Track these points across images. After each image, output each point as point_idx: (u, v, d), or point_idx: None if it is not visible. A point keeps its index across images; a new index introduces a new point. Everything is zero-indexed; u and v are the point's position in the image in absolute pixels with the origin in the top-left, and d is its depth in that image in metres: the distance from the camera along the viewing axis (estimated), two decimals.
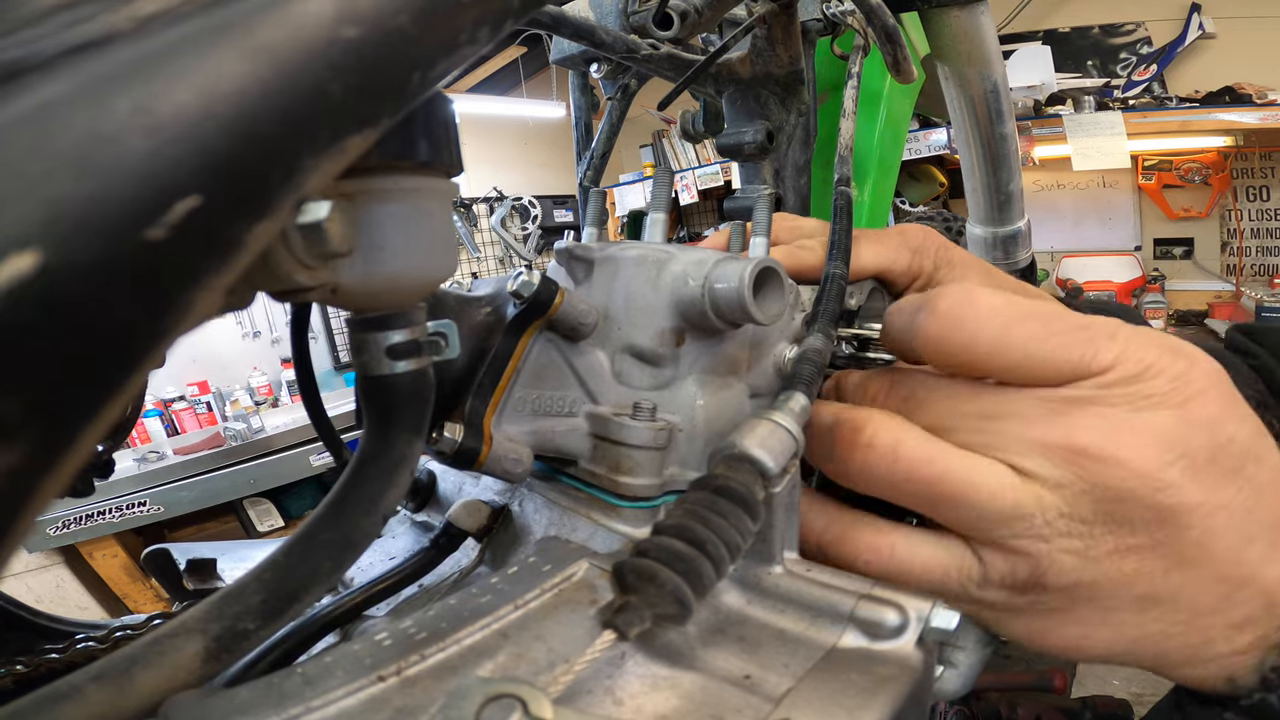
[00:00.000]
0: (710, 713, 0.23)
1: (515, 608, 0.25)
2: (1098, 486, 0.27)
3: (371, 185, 0.23)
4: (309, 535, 0.25)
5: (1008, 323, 0.28)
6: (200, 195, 0.13)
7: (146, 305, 0.13)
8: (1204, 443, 0.27)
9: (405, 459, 0.27)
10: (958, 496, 0.28)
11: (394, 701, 0.21)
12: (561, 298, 0.34)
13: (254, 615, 0.23)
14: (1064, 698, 1.46)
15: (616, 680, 0.24)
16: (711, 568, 0.24)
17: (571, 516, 0.37)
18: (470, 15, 0.18)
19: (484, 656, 0.23)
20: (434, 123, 0.25)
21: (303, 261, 0.21)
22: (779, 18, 0.63)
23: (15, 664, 0.37)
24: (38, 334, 0.12)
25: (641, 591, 0.24)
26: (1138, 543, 0.27)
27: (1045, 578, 0.28)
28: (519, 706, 0.19)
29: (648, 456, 0.35)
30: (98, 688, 0.20)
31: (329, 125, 0.16)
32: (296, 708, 0.20)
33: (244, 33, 0.15)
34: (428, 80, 0.18)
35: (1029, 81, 3.57)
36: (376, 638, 0.23)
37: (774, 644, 0.27)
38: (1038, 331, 0.28)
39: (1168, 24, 3.49)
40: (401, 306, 0.26)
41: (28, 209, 0.12)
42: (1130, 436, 0.26)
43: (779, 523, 0.30)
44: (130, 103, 0.13)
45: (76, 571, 2.44)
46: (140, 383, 0.16)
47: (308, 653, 0.32)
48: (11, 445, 0.12)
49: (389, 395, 0.26)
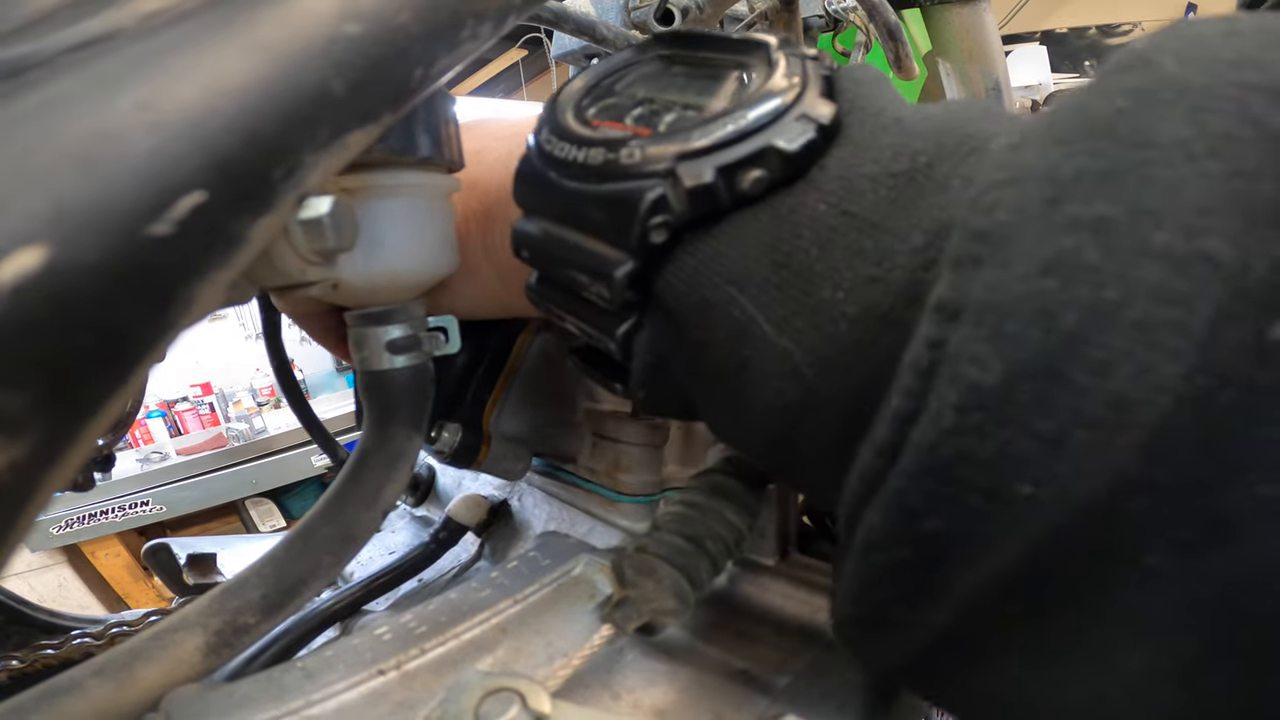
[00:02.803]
0: (708, 707, 0.23)
1: (514, 602, 0.25)
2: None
3: (373, 181, 0.24)
4: (309, 530, 0.25)
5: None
6: (203, 191, 0.14)
7: (150, 301, 0.13)
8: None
9: (405, 454, 0.27)
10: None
11: (394, 695, 0.21)
12: None
13: (254, 610, 0.23)
14: None
15: (615, 674, 0.24)
16: (709, 563, 0.24)
17: (571, 511, 0.37)
18: (472, 11, 0.18)
19: (483, 651, 0.23)
20: (435, 119, 0.25)
21: (304, 257, 0.21)
22: (780, 14, 0.63)
23: (11, 659, 0.37)
24: (43, 329, 0.12)
25: (640, 586, 0.24)
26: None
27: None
28: (518, 700, 0.19)
29: (646, 454, 0.35)
30: (99, 682, 0.20)
31: (331, 122, 0.16)
32: (297, 701, 0.20)
33: (246, 30, 0.15)
34: (429, 77, 0.18)
35: (1026, 82, 3.57)
36: (376, 632, 0.23)
37: (771, 638, 0.27)
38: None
39: (1164, 24, 3.48)
40: (402, 301, 0.26)
41: (33, 205, 0.12)
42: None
43: (777, 518, 0.30)
44: (134, 99, 0.13)
45: (79, 571, 2.44)
46: (143, 377, 0.17)
47: (308, 647, 0.32)
48: (16, 439, 0.12)
49: (389, 390, 0.26)
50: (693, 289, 0.20)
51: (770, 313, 0.18)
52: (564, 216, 0.22)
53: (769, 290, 0.18)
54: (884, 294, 0.17)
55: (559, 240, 0.22)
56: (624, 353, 0.22)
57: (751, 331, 0.18)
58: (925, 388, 0.14)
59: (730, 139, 0.19)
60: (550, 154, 0.22)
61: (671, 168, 0.19)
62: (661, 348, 0.22)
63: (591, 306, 0.22)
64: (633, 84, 0.24)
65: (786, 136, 0.19)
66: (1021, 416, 0.13)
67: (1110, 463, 0.13)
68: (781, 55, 0.20)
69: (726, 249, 0.19)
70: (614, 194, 0.20)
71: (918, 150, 0.18)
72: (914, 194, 0.17)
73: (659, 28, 0.61)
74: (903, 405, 0.15)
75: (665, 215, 0.19)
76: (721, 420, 0.22)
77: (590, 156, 0.21)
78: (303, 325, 0.33)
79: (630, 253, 0.20)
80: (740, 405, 0.20)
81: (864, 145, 0.18)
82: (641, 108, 0.22)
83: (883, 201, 0.17)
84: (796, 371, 0.18)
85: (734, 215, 0.19)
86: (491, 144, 0.30)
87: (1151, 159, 0.13)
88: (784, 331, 0.18)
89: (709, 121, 0.19)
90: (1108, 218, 0.13)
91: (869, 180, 0.18)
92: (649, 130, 0.21)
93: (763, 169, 0.19)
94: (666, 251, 0.20)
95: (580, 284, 0.22)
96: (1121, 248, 0.13)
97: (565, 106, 0.23)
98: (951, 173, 0.17)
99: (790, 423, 0.19)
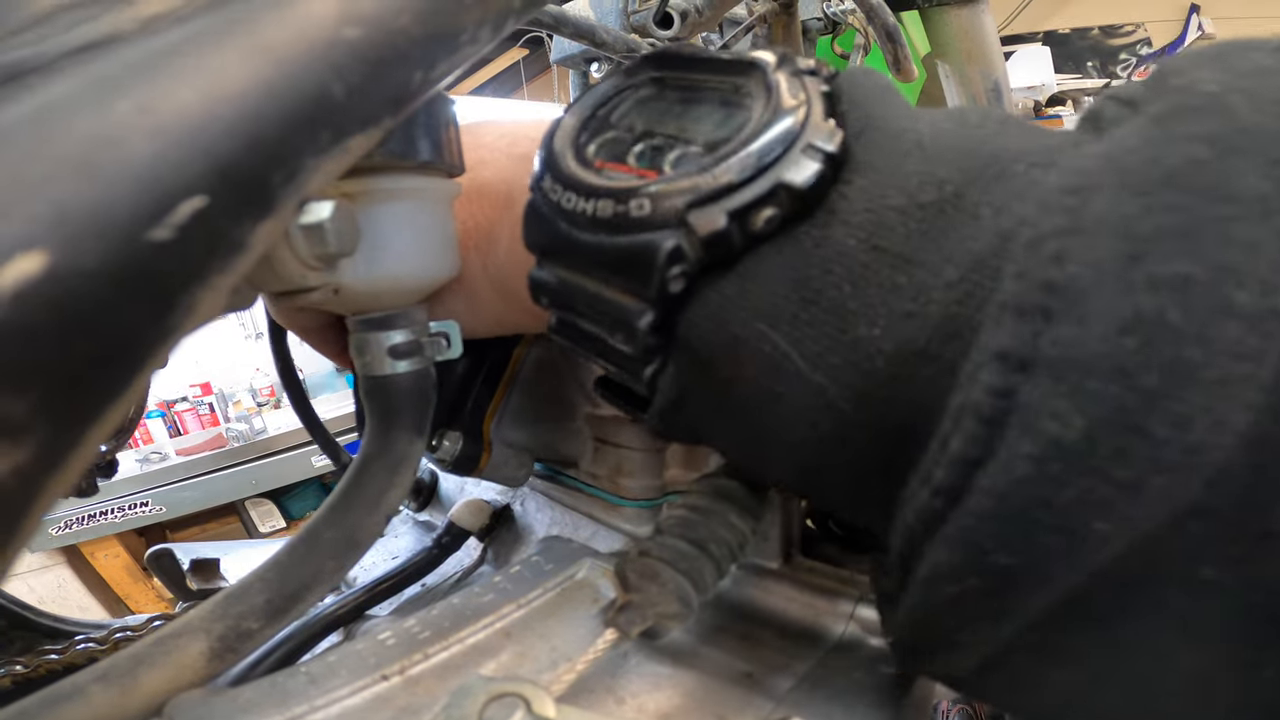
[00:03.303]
0: (712, 711, 0.23)
1: (518, 606, 0.25)
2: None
3: (374, 185, 0.23)
4: (312, 535, 0.25)
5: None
6: (204, 196, 0.14)
7: (151, 306, 0.13)
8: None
9: (407, 458, 0.27)
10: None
11: (397, 700, 0.21)
12: None
13: (258, 615, 0.23)
14: None
15: (619, 679, 0.24)
16: (713, 567, 0.24)
17: (573, 515, 0.37)
18: (472, 15, 0.18)
19: (487, 655, 0.23)
20: (436, 123, 0.25)
21: (305, 262, 0.21)
22: (779, 17, 0.63)
23: (14, 664, 0.37)
24: (44, 335, 0.12)
25: (644, 590, 0.24)
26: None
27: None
28: (522, 705, 0.19)
29: (648, 458, 0.35)
30: (102, 687, 0.20)
31: (331, 126, 0.16)
32: (300, 707, 0.20)
33: (247, 34, 0.15)
34: (429, 80, 0.18)
35: (1029, 82, 3.57)
36: (380, 637, 0.23)
37: (775, 642, 0.27)
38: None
39: (1167, 25, 3.48)
40: (403, 306, 0.26)
41: (33, 210, 0.12)
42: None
43: (780, 521, 0.30)
44: (134, 104, 0.13)
45: (78, 572, 2.44)
46: (144, 383, 0.16)
47: (311, 652, 0.32)
48: (18, 445, 0.12)
49: (391, 395, 0.26)
50: (720, 327, 0.20)
51: (804, 349, 0.18)
52: (580, 266, 0.22)
53: (800, 327, 0.18)
54: (920, 329, 0.17)
55: (577, 289, 0.22)
56: (650, 390, 0.22)
57: (784, 367, 0.19)
58: (991, 435, 0.15)
59: (739, 181, 0.19)
60: (558, 205, 0.22)
61: (683, 216, 0.19)
62: (684, 385, 0.22)
63: (615, 351, 0.22)
64: (628, 113, 0.24)
65: (795, 171, 0.18)
66: (1102, 468, 0.14)
67: (1181, 497, 0.14)
68: (781, 76, 0.20)
69: (752, 287, 0.19)
70: (629, 247, 0.20)
71: (944, 179, 0.18)
72: (944, 226, 0.17)
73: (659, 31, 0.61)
74: (965, 450, 0.15)
75: (683, 265, 0.19)
76: (746, 451, 0.23)
77: (600, 209, 0.21)
78: (302, 335, 0.32)
79: (650, 303, 0.20)
80: (770, 438, 0.20)
81: (888, 174, 0.18)
82: (642, 143, 0.22)
83: (913, 235, 0.17)
84: (832, 406, 0.18)
85: (756, 252, 0.19)
86: (490, 156, 0.30)
87: (1232, 215, 0.13)
88: (818, 368, 0.18)
89: (717, 162, 0.19)
90: (1189, 277, 0.13)
91: (897, 213, 0.18)
92: (655, 172, 0.21)
93: (774, 207, 0.19)
94: (686, 296, 0.20)
95: (603, 331, 0.22)
96: (1202, 307, 0.13)
97: (563, 148, 0.23)
98: (980, 200, 0.17)
99: (824, 453, 0.19)
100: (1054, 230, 0.15)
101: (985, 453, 0.15)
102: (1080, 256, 0.14)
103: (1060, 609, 0.16)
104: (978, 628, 0.17)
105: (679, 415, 0.23)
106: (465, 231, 0.29)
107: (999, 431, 0.14)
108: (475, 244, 0.29)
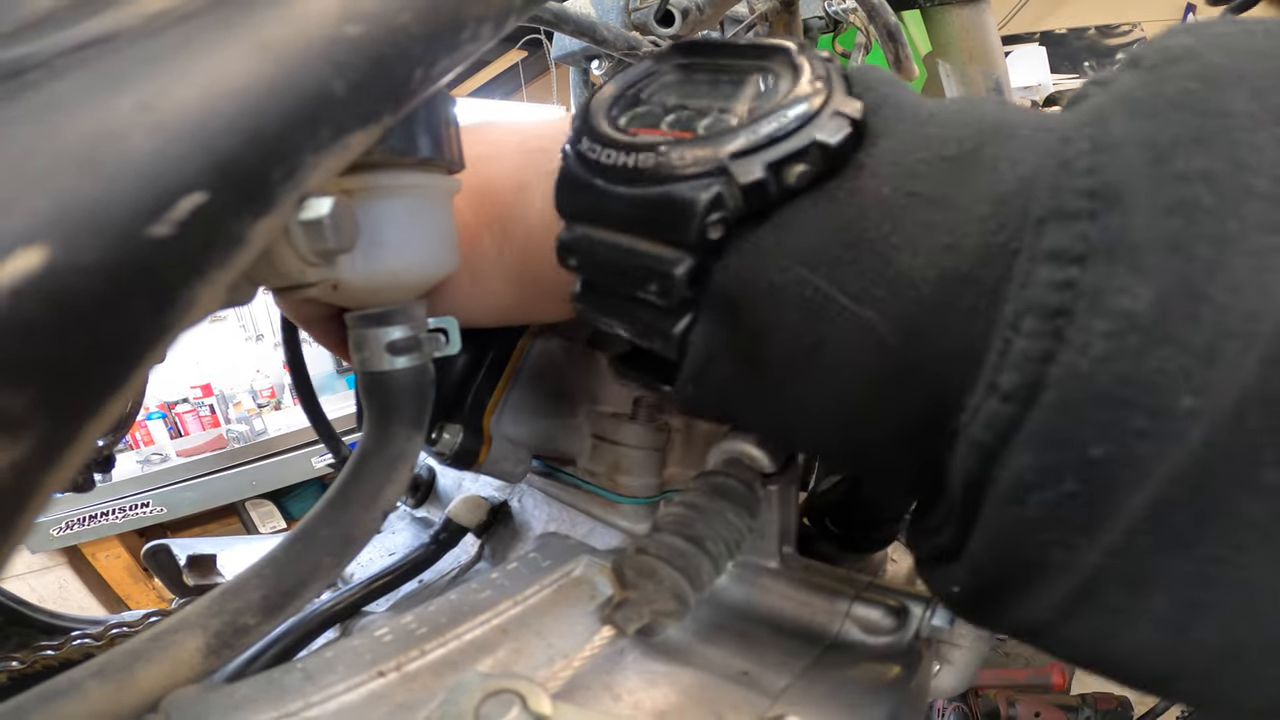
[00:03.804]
0: (709, 709, 0.23)
1: (515, 603, 0.25)
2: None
3: (373, 182, 0.23)
4: (309, 531, 0.25)
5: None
6: (204, 192, 0.14)
7: (150, 302, 0.13)
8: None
9: (405, 455, 0.27)
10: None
11: (394, 697, 0.21)
12: None
13: (254, 611, 0.23)
14: (1063, 694, 1.46)
15: (615, 676, 0.24)
16: (710, 564, 0.24)
17: (571, 512, 0.37)
18: (473, 12, 0.18)
19: (484, 652, 0.23)
20: (436, 120, 0.25)
21: (305, 258, 0.21)
22: (780, 15, 0.63)
23: (11, 660, 0.37)
24: (44, 329, 0.12)
25: (640, 588, 0.24)
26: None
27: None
28: (518, 701, 0.19)
29: (647, 457, 0.35)
30: (99, 683, 0.20)
31: (331, 122, 0.16)
32: (296, 703, 0.20)
33: (247, 30, 0.15)
34: (430, 77, 0.18)
35: (1026, 83, 3.57)
36: (376, 633, 0.23)
37: (772, 640, 0.27)
38: None
39: (1164, 24, 3.48)
40: (402, 302, 0.26)
41: (34, 206, 0.12)
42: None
43: (777, 519, 0.30)
44: (134, 100, 0.13)
45: (79, 572, 2.44)
46: (143, 378, 0.17)
47: (308, 648, 0.32)
48: (16, 440, 0.12)
49: (389, 391, 0.26)
50: (759, 275, 0.21)
51: (847, 286, 0.19)
52: (615, 221, 0.23)
53: (843, 266, 0.20)
54: (961, 258, 0.18)
55: (610, 245, 0.23)
56: (680, 351, 0.23)
57: (827, 308, 0.20)
58: (1058, 326, 0.16)
59: (775, 137, 0.20)
60: (595, 161, 0.23)
61: (724, 166, 0.20)
62: (717, 342, 0.23)
63: (645, 308, 0.23)
64: (659, 92, 0.25)
65: (827, 132, 0.20)
66: (1176, 334, 0.15)
67: (1243, 374, 0.15)
68: (805, 59, 0.22)
69: (788, 235, 0.20)
70: (669, 195, 0.21)
71: (962, 138, 0.19)
72: (968, 174, 0.19)
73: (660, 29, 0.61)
74: (1032, 346, 0.16)
75: (722, 212, 0.21)
76: (778, 418, 0.24)
77: (640, 160, 0.22)
78: (304, 326, 0.33)
79: (688, 250, 0.21)
80: (808, 396, 0.21)
81: (908, 136, 0.20)
82: (674, 114, 0.23)
83: (941, 181, 0.19)
84: (881, 343, 0.19)
85: (791, 204, 0.21)
86: (502, 151, 0.30)
87: (1232, 126, 0.16)
88: (864, 302, 0.19)
89: (752, 122, 0.21)
90: (1211, 170, 0.15)
91: (924, 164, 0.19)
92: (690, 134, 0.22)
93: (807, 163, 0.20)
94: (723, 245, 0.21)
95: (635, 286, 0.23)
96: (1230, 191, 0.15)
97: (598, 115, 0.24)
98: (997, 155, 0.19)
99: (871, 397, 0.20)
100: (1079, 152, 0.17)
101: (1054, 345, 0.16)
102: (1111, 165, 0.16)
103: (1145, 529, 0.16)
104: (1071, 542, 0.17)
105: (709, 380, 0.23)
106: (477, 223, 0.29)
107: (1067, 319, 0.16)
108: (488, 236, 0.30)
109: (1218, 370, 0.15)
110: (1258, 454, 0.15)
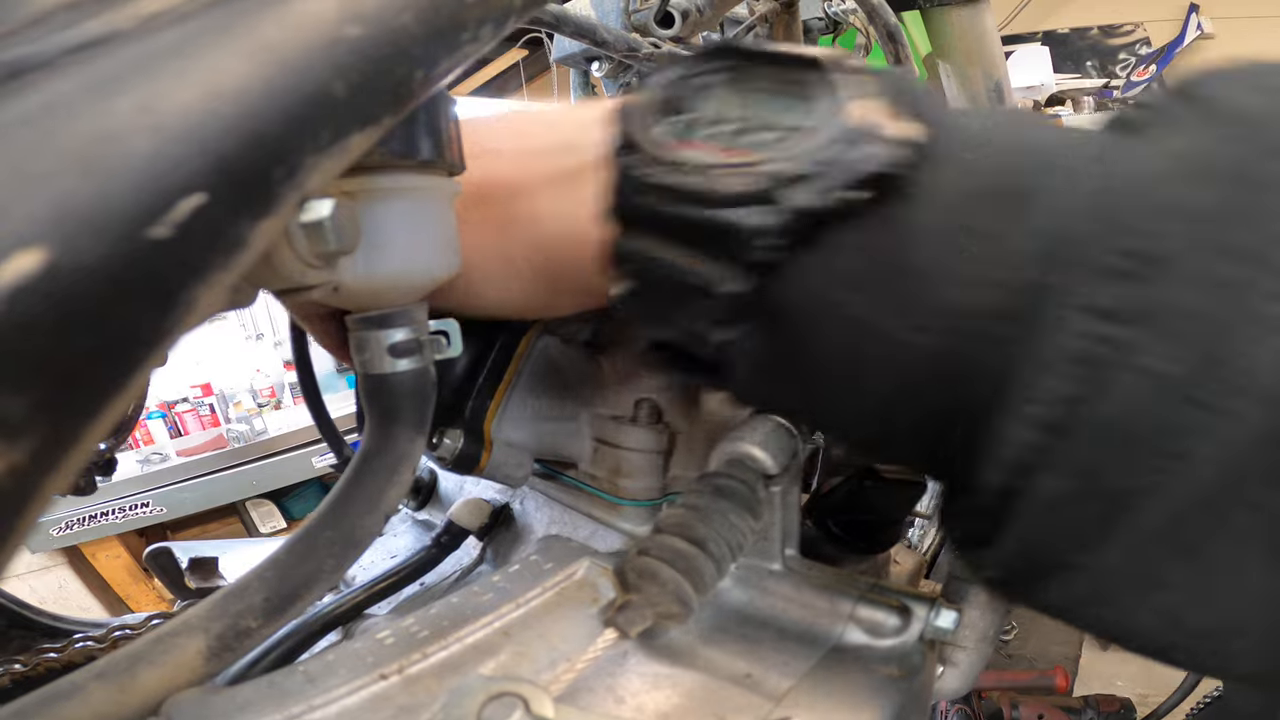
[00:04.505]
0: (712, 711, 0.23)
1: (517, 606, 0.25)
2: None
3: (374, 183, 0.23)
4: (311, 534, 0.25)
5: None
6: (204, 194, 0.14)
7: (151, 303, 0.13)
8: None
9: (407, 457, 0.27)
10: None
11: (396, 699, 0.21)
12: None
13: (256, 613, 0.23)
14: (1066, 696, 1.46)
15: (618, 678, 0.24)
16: (713, 566, 0.24)
17: (573, 515, 0.37)
18: (473, 14, 0.18)
19: (486, 655, 0.23)
20: (437, 121, 0.25)
21: (305, 260, 0.21)
22: (780, 16, 0.63)
23: (13, 663, 0.37)
24: (43, 332, 0.12)
25: (643, 590, 0.24)
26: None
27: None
28: (521, 704, 0.19)
29: (648, 459, 0.35)
30: (100, 686, 0.20)
31: (332, 124, 0.16)
32: (298, 706, 0.20)
33: (247, 31, 0.15)
34: (430, 79, 0.18)
35: (1028, 82, 3.56)
36: (378, 636, 0.23)
37: (775, 642, 0.27)
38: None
39: (1166, 24, 3.47)
40: (403, 305, 0.26)
41: (33, 208, 0.12)
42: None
43: (780, 521, 0.30)
44: (134, 101, 0.13)
45: (79, 572, 2.44)
46: (143, 380, 0.16)
47: (310, 651, 0.32)
48: (16, 443, 0.12)
49: (391, 393, 0.26)
50: (804, 295, 0.21)
51: (888, 311, 0.20)
52: (668, 238, 0.23)
53: (886, 292, 0.20)
54: (1007, 295, 0.19)
55: (663, 261, 0.23)
56: (724, 356, 0.24)
57: (868, 330, 0.21)
58: (1095, 375, 0.18)
59: (827, 161, 0.20)
60: (643, 180, 0.23)
61: (772, 192, 0.20)
62: (764, 352, 0.23)
63: (691, 317, 0.24)
64: (694, 100, 0.25)
65: (880, 160, 0.20)
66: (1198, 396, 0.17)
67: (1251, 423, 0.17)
68: (852, 74, 0.22)
69: (836, 258, 0.21)
70: (719, 220, 0.21)
71: (1013, 169, 0.20)
72: (1018, 208, 0.20)
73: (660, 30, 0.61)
74: (1064, 387, 0.18)
75: (770, 239, 0.21)
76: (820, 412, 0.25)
77: (688, 184, 0.22)
78: (306, 326, 0.33)
79: (737, 272, 0.22)
80: (851, 396, 0.23)
81: (961, 165, 0.21)
82: (718, 127, 0.23)
83: (993, 216, 0.20)
84: (915, 363, 0.20)
85: (840, 228, 0.21)
86: (505, 144, 0.30)
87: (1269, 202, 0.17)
88: (903, 328, 0.20)
89: (803, 145, 0.21)
90: (1253, 250, 0.17)
91: (976, 198, 0.20)
92: (737, 151, 0.22)
93: (858, 190, 0.20)
94: (772, 267, 0.22)
95: (683, 298, 0.23)
96: (1266, 270, 0.17)
97: (639, 126, 0.24)
98: (1044, 187, 0.19)
99: (898, 404, 0.21)
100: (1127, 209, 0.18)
101: (1086, 390, 0.18)
102: (1158, 232, 0.17)
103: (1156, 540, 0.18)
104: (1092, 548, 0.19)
105: (746, 379, 0.24)
106: (482, 221, 0.29)
107: (1100, 369, 0.17)
108: (493, 232, 0.30)
109: (1230, 423, 0.17)
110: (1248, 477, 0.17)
